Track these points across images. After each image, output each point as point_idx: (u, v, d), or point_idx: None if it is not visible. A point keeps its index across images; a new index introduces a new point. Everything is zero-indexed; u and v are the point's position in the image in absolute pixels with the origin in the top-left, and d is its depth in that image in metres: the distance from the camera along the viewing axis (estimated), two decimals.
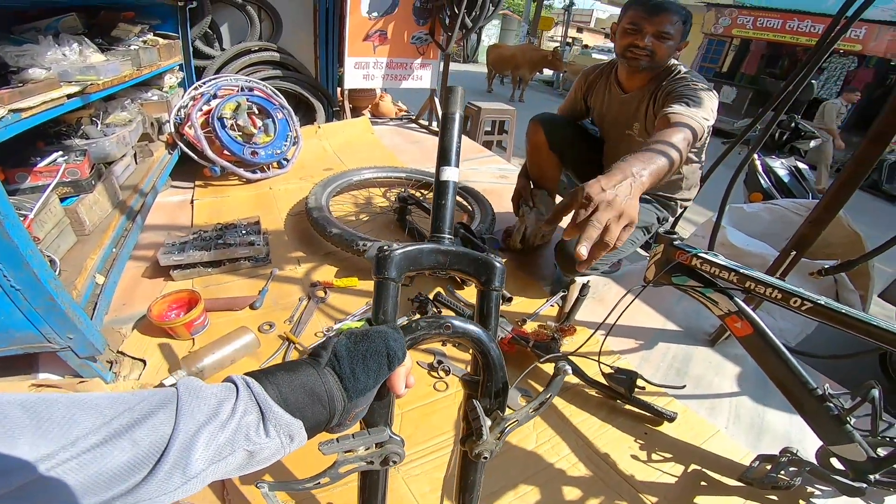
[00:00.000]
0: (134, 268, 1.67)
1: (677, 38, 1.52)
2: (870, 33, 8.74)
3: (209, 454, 0.36)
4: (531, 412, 0.62)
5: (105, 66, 1.54)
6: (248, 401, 0.40)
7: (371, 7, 3.12)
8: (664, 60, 1.56)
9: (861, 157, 1.15)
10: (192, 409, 0.37)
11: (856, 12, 1.23)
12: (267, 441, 0.40)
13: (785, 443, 1.24)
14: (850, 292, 2.08)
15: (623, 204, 0.81)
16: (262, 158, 2.37)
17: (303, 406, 0.43)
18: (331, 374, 0.45)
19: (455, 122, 0.72)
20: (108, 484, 0.32)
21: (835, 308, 0.86)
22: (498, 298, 0.67)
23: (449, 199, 0.70)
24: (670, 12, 1.49)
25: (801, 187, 2.87)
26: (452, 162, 0.71)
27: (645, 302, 1.76)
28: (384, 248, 0.60)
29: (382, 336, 0.49)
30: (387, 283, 0.60)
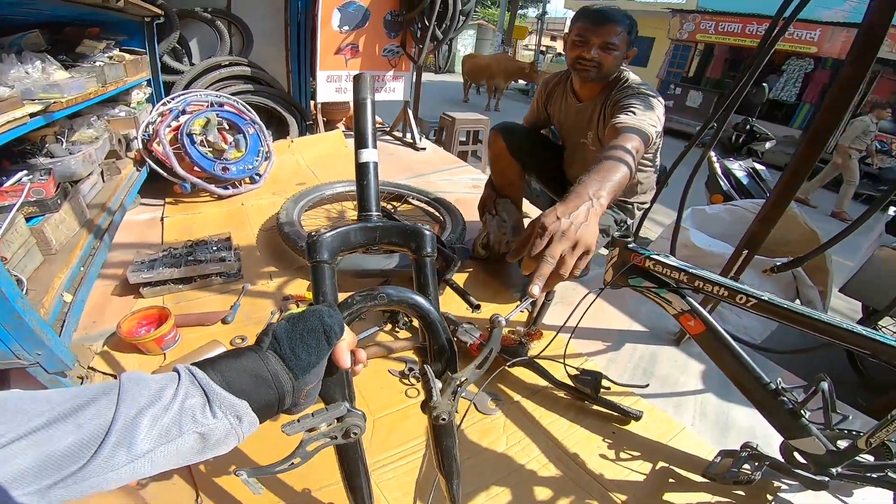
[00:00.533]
0: (103, 286, 1.65)
1: (623, 48, 1.55)
2: (824, 35, 9.03)
3: (154, 434, 0.38)
4: (476, 369, 0.64)
5: (69, 84, 1.53)
6: (190, 385, 0.42)
7: (342, 21, 3.14)
8: (612, 70, 1.58)
9: (802, 156, 1.22)
10: (133, 394, 0.39)
11: (792, 13, 1.29)
12: (215, 422, 0.41)
13: (750, 438, 1.26)
14: (809, 288, 2.17)
15: (578, 232, 0.79)
16: (234, 174, 2.36)
17: (247, 388, 0.44)
18: (273, 356, 0.47)
19: (367, 106, 0.77)
20: (58, 466, 0.34)
21: (777, 303, 0.91)
22: (432, 264, 0.69)
23: (371, 179, 0.73)
24: (615, 23, 1.51)
25: (760, 188, 2.99)
26: (370, 144, 0.75)
27: (611, 304, 1.81)
28: (313, 234, 0.62)
29: (317, 314, 0.51)
30: (321, 265, 0.62)
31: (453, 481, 0.79)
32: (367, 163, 0.74)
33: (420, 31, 3.26)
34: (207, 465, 1.06)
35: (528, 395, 1.35)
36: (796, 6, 1.29)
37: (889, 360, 0.84)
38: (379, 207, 0.73)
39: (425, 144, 3.62)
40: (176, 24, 2.79)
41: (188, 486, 1.02)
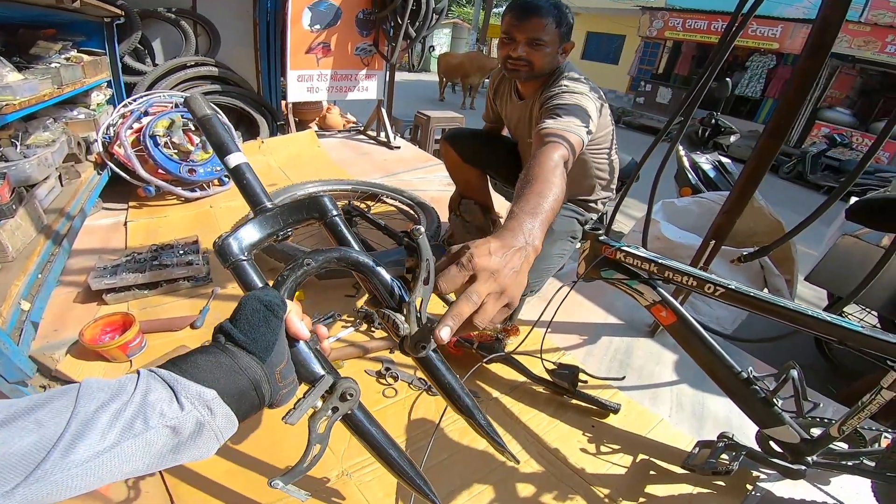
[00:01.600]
0: (64, 293, 1.58)
1: (555, 43, 1.41)
2: (785, 31, 9.35)
3: (118, 428, 0.36)
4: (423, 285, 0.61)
5: (22, 85, 1.48)
6: (151, 380, 0.40)
7: (313, 20, 3.10)
8: (546, 67, 1.45)
9: (762, 150, 1.25)
10: (92, 391, 0.37)
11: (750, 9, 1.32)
12: (183, 414, 0.39)
13: (726, 428, 1.28)
14: (776, 277, 2.23)
15: (508, 279, 0.66)
16: (201, 176, 2.29)
17: (213, 377, 0.43)
18: (232, 346, 0.46)
19: (212, 120, 0.75)
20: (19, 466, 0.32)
21: (744, 292, 0.93)
22: (342, 220, 0.69)
23: (249, 177, 0.71)
24: (540, 16, 1.36)
25: (726, 180, 3.08)
26: (233, 149, 0.73)
27: (587, 297, 1.83)
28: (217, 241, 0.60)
29: (252, 297, 0.50)
30: (239, 263, 0.60)
31: (478, 416, 0.73)
32: (238, 165, 0.72)
33: (393, 30, 3.24)
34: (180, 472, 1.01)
35: (506, 391, 1.35)
36: (753, 3, 1.32)
37: (855, 345, 0.86)
38: (269, 197, 0.70)
39: (400, 143, 3.60)
40: (137, 25, 2.71)
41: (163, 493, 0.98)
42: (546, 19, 1.37)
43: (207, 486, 1.00)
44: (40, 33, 2.02)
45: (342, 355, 1.38)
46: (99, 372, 1.28)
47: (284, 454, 1.08)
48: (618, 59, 14.50)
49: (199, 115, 0.75)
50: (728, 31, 1.38)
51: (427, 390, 1.30)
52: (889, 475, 0.95)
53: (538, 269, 1.64)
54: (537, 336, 1.32)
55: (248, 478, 1.02)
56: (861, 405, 0.93)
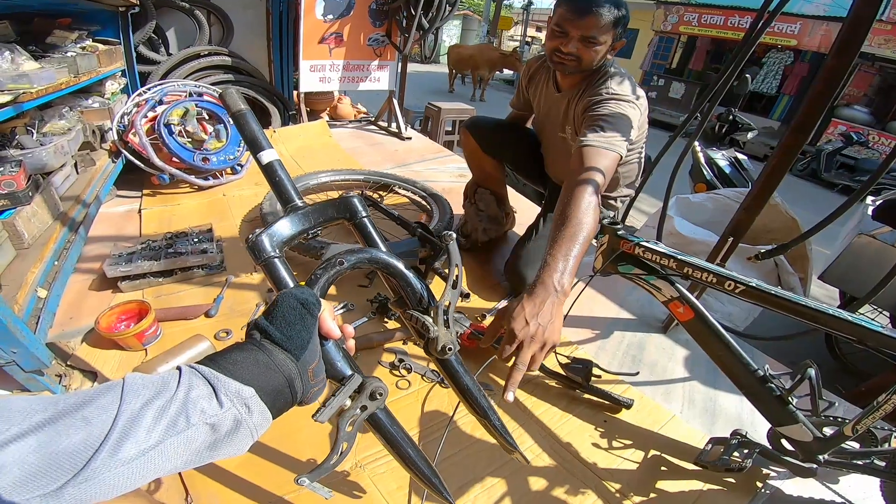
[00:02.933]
0: (80, 281, 1.60)
1: (608, 42, 1.38)
2: (804, 28, 9.19)
3: (162, 426, 0.36)
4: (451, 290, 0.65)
5: (39, 74, 1.49)
6: (193, 377, 0.41)
7: (326, 10, 3.08)
8: (593, 64, 1.42)
9: (786, 146, 1.23)
10: (137, 388, 0.38)
11: (776, 7, 1.29)
12: (223, 411, 0.40)
13: (737, 425, 1.28)
14: (790, 275, 2.21)
15: (547, 333, 0.84)
16: (215, 165, 2.30)
17: (251, 375, 0.43)
18: (267, 342, 0.47)
19: (246, 116, 0.77)
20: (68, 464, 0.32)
21: (765, 289, 0.92)
22: (370, 222, 0.73)
23: (281, 174, 0.74)
24: (599, 14, 1.30)
25: (742, 177, 3.04)
26: (265, 146, 0.75)
27: (600, 292, 1.82)
28: (249, 238, 0.63)
29: (289, 294, 0.51)
30: (271, 260, 0.63)
31: (492, 417, 0.76)
32: (270, 162, 0.75)
33: (406, 21, 3.22)
34: None
35: (519, 384, 1.35)
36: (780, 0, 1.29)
37: (875, 345, 0.85)
38: (300, 195, 0.73)
39: (411, 134, 3.58)
40: (152, 14, 2.72)
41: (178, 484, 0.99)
42: (605, 17, 1.31)
43: (221, 476, 1.01)
44: (56, 22, 2.02)
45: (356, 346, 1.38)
46: (115, 360, 1.30)
47: (297, 445, 1.09)
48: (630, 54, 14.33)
49: (233, 109, 0.78)
50: (753, 27, 1.36)
51: (440, 382, 1.30)
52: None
53: None
54: None
55: (260, 468, 1.03)
56: (876, 405, 0.92)
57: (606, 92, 1.36)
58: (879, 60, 8.61)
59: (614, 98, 1.33)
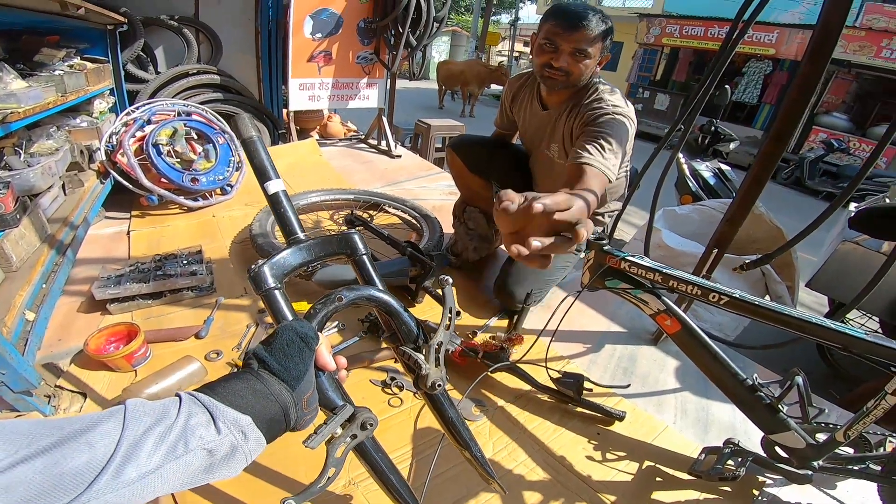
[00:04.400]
0: (68, 303, 1.59)
1: (597, 55, 1.39)
2: (781, 37, 9.38)
3: (162, 451, 0.38)
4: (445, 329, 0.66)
5: (26, 93, 1.48)
6: (193, 405, 0.43)
7: (315, 28, 3.12)
8: (581, 79, 1.43)
9: (765, 155, 1.26)
10: (138, 414, 0.39)
11: (751, 15, 1.32)
12: (220, 438, 0.42)
13: (730, 434, 1.29)
14: (777, 284, 2.24)
15: None
16: (204, 185, 2.29)
17: (248, 404, 0.45)
18: (264, 372, 0.49)
19: (256, 143, 0.79)
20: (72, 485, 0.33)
21: (748, 300, 0.93)
22: (370, 259, 0.73)
23: (286, 206, 0.75)
24: (589, 28, 1.32)
25: (726, 187, 3.09)
26: (272, 176, 0.77)
27: (590, 306, 1.83)
28: (253, 268, 0.64)
29: (289, 327, 0.54)
30: (271, 292, 0.64)
31: (473, 448, 0.78)
32: (276, 193, 0.76)
33: (394, 38, 3.26)
34: None
35: (511, 399, 1.35)
36: (754, 9, 1.33)
37: (860, 352, 0.87)
38: (302, 228, 0.75)
39: (401, 152, 3.61)
40: (140, 32, 2.72)
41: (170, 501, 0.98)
42: (594, 30, 1.33)
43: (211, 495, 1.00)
44: (44, 40, 2.02)
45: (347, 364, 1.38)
46: (104, 381, 1.29)
47: (287, 465, 1.08)
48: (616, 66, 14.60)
49: (244, 136, 0.79)
50: (729, 37, 1.39)
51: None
52: (895, 479, 0.95)
53: (542, 280, 1.65)
54: (541, 345, 1.32)
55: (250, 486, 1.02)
56: (866, 410, 0.93)
57: (608, 105, 1.37)
58: (856, 67, 8.84)
59: (616, 113, 1.34)
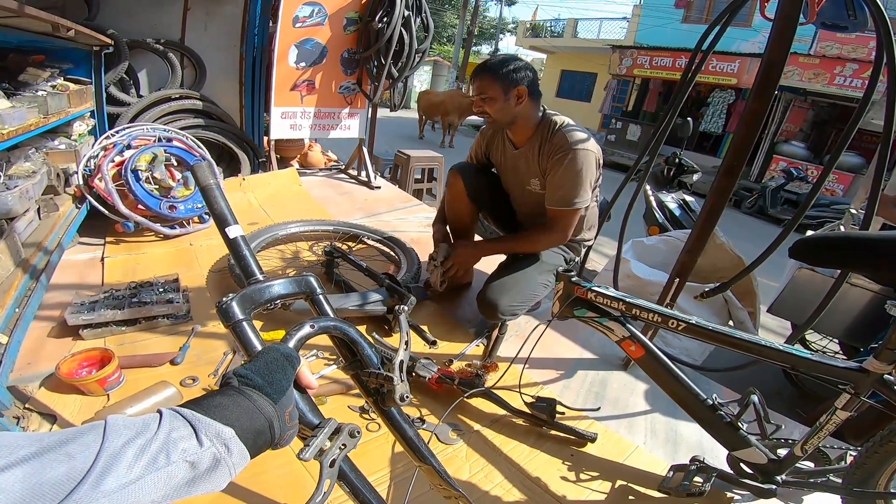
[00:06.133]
0: (39, 328, 1.56)
1: (500, 94, 1.57)
2: (742, 67, 9.76)
3: (143, 462, 0.38)
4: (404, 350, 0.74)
5: (11, 114, 1.47)
6: (174, 418, 0.43)
7: (299, 58, 3.18)
8: (506, 117, 1.63)
9: (718, 189, 1.35)
10: (119, 428, 0.40)
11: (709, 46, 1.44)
12: (202, 450, 0.42)
13: (698, 452, 1.33)
14: (739, 310, 2.35)
15: None
16: (182, 213, 2.29)
17: (233, 417, 0.46)
18: (248, 389, 0.50)
19: (214, 190, 0.85)
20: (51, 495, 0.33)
21: (703, 326, 1.01)
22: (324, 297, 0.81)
23: (245, 251, 0.81)
24: (481, 77, 1.58)
25: (690, 218, 3.24)
26: (231, 222, 0.83)
27: (563, 334, 1.89)
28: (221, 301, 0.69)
29: (273, 348, 0.57)
30: (240, 323, 0.69)
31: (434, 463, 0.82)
32: (235, 238, 0.82)
33: (376, 69, 3.34)
34: None
35: (487, 423, 1.38)
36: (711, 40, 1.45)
37: (807, 371, 0.94)
38: (261, 270, 0.81)
39: (380, 183, 3.65)
40: (125, 55, 2.72)
41: None
42: (487, 78, 1.57)
43: None
44: (29, 59, 2.01)
45: (325, 392, 1.39)
46: (75, 405, 1.27)
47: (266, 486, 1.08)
48: (590, 97, 15.14)
49: (202, 183, 0.85)
50: (689, 68, 1.51)
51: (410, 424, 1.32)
52: (855, 490, 1.01)
53: (524, 294, 1.73)
54: (515, 371, 1.37)
55: None
56: (819, 425, 1.00)
57: (564, 148, 1.58)
58: (811, 95, 9.15)
59: (572, 149, 1.56)
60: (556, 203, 1.64)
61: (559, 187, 1.61)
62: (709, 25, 1.47)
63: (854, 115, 1.26)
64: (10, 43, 1.98)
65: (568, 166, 1.58)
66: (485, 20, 25.71)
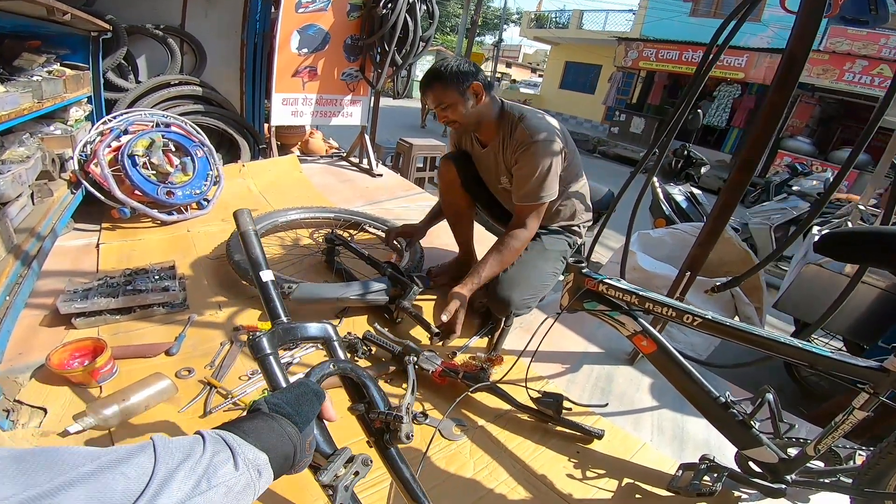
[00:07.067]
0: (30, 316, 1.51)
1: (457, 98, 1.54)
2: (750, 61, 9.73)
3: (190, 485, 0.41)
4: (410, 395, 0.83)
5: (3, 98, 1.44)
6: (216, 443, 0.47)
7: (301, 43, 3.12)
8: (472, 119, 1.60)
9: (734, 183, 1.31)
10: (169, 451, 0.43)
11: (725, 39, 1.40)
12: (238, 475, 0.46)
13: (705, 450, 1.30)
14: (746, 305, 2.31)
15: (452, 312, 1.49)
16: (179, 199, 2.25)
17: (268, 440, 0.51)
18: (280, 416, 0.56)
19: (252, 237, 0.93)
20: None
21: (720, 321, 0.97)
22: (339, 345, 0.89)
23: (274, 294, 0.89)
24: (432, 87, 1.55)
25: (697, 211, 3.20)
26: (264, 266, 0.91)
27: (568, 328, 1.85)
28: (253, 336, 0.78)
29: (304, 383, 0.65)
30: (267, 357, 0.77)
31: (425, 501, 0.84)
32: (267, 281, 0.89)
33: (379, 56, 3.29)
34: None
35: (492, 419, 1.35)
36: (728, 34, 1.40)
37: (826, 369, 0.91)
38: (287, 313, 0.88)
39: (382, 170, 3.61)
40: (124, 40, 2.66)
41: None
42: (436, 85, 1.55)
43: None
44: (25, 45, 1.97)
45: (326, 386, 1.35)
46: (66, 397, 1.23)
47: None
48: (594, 89, 15.03)
49: (241, 229, 0.94)
50: (703, 61, 1.46)
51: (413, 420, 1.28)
52: (866, 491, 0.98)
53: (535, 286, 1.70)
54: (521, 366, 1.34)
55: None
56: (834, 425, 0.97)
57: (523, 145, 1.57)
58: (819, 90, 9.13)
59: (532, 142, 1.55)
60: (523, 199, 1.62)
61: (524, 183, 1.59)
62: (725, 19, 1.42)
63: (875, 113, 1.21)
64: (4, 28, 1.94)
65: (530, 160, 1.55)
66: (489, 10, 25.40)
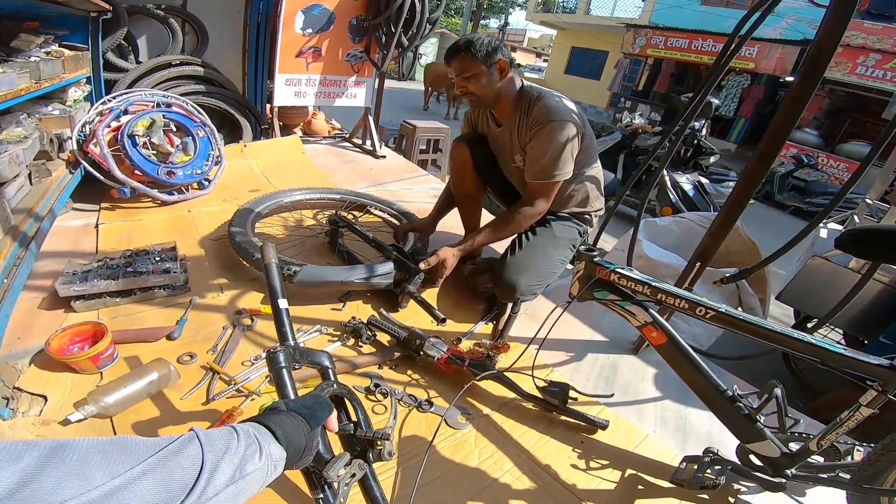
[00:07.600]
0: (29, 299, 1.49)
1: (483, 70, 1.54)
2: (761, 52, 9.57)
3: (229, 474, 0.48)
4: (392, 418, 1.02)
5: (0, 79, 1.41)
6: (248, 436, 0.54)
7: (306, 24, 3.06)
8: (491, 94, 1.59)
9: (750, 174, 1.28)
10: (212, 443, 0.49)
11: (748, 30, 1.36)
12: (259, 467, 0.53)
13: (708, 442, 1.31)
14: (750, 297, 2.29)
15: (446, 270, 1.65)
16: (180, 179, 2.22)
17: (289, 433, 0.59)
18: (297, 415, 0.64)
19: (274, 268, 1.05)
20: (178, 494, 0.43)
21: (733, 315, 0.95)
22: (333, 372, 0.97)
23: (286, 320, 0.99)
24: (458, 56, 1.54)
25: (704, 200, 3.16)
26: (282, 296, 1.02)
27: (574, 316, 1.84)
28: (271, 350, 0.88)
29: (317, 395, 0.75)
30: (282, 369, 0.86)
31: None
32: (283, 309, 0.99)
33: (385, 38, 3.23)
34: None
35: (497, 407, 1.34)
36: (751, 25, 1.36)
37: (837, 365, 0.89)
38: (295, 338, 0.98)
39: (385, 152, 3.57)
40: (124, 21, 2.62)
41: None
42: (465, 56, 1.54)
43: None
44: (23, 25, 1.93)
45: None
46: (67, 383, 1.21)
47: None
48: (600, 75, 14.82)
49: (266, 261, 1.06)
50: (724, 51, 1.42)
51: (417, 406, 1.28)
52: (864, 487, 0.98)
53: (542, 272, 1.69)
54: (526, 353, 1.32)
55: None
56: (840, 421, 0.96)
57: (539, 123, 1.55)
58: (829, 83, 9.01)
59: (549, 121, 1.54)
60: (535, 176, 1.61)
61: (538, 160, 1.58)
62: (750, 9, 1.38)
63: None
64: (3, 8, 1.89)
65: (546, 138, 1.54)
66: None
